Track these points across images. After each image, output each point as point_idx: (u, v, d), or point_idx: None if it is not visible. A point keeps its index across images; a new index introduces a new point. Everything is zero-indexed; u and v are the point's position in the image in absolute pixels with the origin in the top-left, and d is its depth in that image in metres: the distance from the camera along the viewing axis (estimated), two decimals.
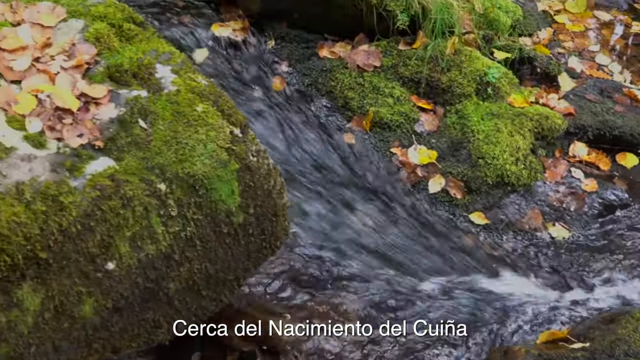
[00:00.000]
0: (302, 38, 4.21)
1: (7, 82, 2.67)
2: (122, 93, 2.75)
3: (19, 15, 2.89)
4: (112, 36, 2.90)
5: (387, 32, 4.07)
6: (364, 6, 3.99)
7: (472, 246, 3.68)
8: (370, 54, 4.04)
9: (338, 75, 4.01)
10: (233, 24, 4.20)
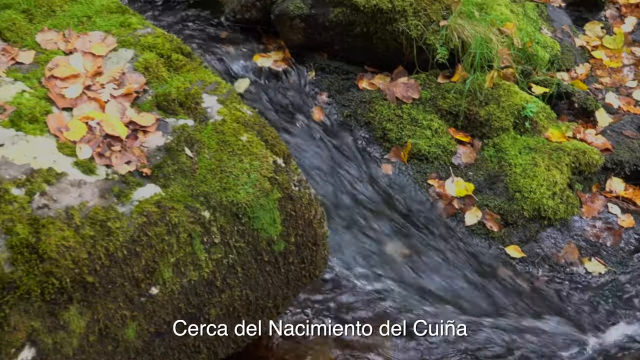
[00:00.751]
0: (342, 69, 4.24)
1: (59, 109, 2.73)
2: (170, 122, 2.80)
3: (72, 44, 2.96)
4: (160, 66, 2.96)
5: (427, 65, 4.09)
6: (404, 39, 4.02)
7: (507, 279, 3.66)
8: (409, 87, 4.06)
9: (377, 106, 4.03)
10: (274, 54, 4.25)
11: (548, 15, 4.88)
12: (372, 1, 3.96)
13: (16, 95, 2.72)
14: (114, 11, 3.19)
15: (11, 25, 3.03)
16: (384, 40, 4.08)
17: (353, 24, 4.05)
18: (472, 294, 3.57)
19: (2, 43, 2.97)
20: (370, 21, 4.02)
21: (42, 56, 2.95)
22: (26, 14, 3.11)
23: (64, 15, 3.14)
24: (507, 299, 3.59)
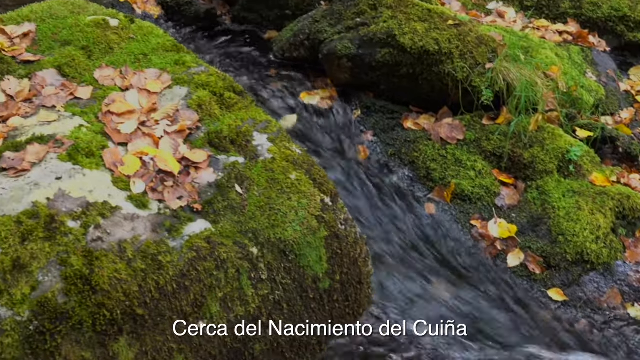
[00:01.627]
0: (387, 109, 4.26)
1: (114, 144, 2.78)
2: (221, 159, 2.83)
3: (128, 81, 3.02)
4: (213, 104, 3.00)
5: (471, 107, 4.09)
6: (450, 81, 4.03)
7: (549, 322, 3.62)
8: (454, 128, 4.07)
9: (421, 146, 4.04)
10: (321, 92, 4.28)
11: (593, 59, 4.86)
12: (419, 43, 3.98)
13: (74, 130, 2.77)
14: (170, 49, 3.25)
15: (71, 62, 3.11)
16: (429, 81, 4.09)
17: (399, 64, 4.07)
18: (513, 335, 3.54)
19: (61, 78, 3.04)
20: (417, 62, 4.04)
21: (99, 92, 3.01)
22: (85, 50, 3.19)
23: (121, 52, 3.21)
24: (548, 341, 3.55)
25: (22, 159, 2.60)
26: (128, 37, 3.29)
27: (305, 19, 4.43)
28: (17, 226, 2.39)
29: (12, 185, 2.51)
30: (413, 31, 4.02)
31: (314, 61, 4.39)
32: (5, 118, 2.83)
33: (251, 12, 4.74)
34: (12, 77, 3.01)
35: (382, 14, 4.14)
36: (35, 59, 3.14)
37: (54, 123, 2.80)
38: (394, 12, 4.11)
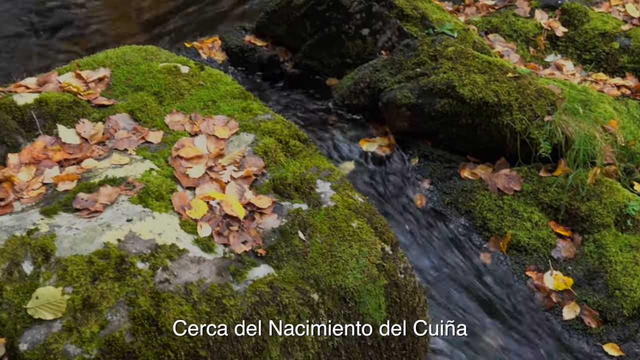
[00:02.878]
0: (444, 158, 4.25)
1: (183, 187, 2.82)
2: (285, 205, 2.85)
3: (197, 127, 3.07)
4: (278, 151, 3.03)
5: (529, 158, 4.06)
6: (508, 132, 4.02)
7: None
8: (511, 178, 4.04)
9: (478, 196, 4.02)
10: (380, 139, 4.29)
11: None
12: (478, 94, 3.99)
13: (145, 173, 2.82)
14: (237, 96, 3.30)
15: (143, 107, 3.18)
16: (488, 132, 4.08)
17: (458, 115, 4.07)
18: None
19: (133, 122, 3.11)
20: (476, 113, 4.04)
21: (169, 137, 3.07)
22: (157, 96, 3.26)
23: (191, 98, 3.27)
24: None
25: (95, 200, 2.66)
26: (198, 83, 3.36)
27: (366, 67, 4.47)
28: (89, 266, 2.43)
29: (85, 226, 2.56)
30: (473, 83, 4.02)
31: (373, 109, 4.41)
32: (80, 160, 2.90)
33: (313, 60, 4.79)
34: (86, 120, 3.08)
35: (442, 65, 4.15)
36: (109, 103, 3.21)
37: (125, 166, 2.86)
38: (454, 64, 4.13)
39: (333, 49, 4.71)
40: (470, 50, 4.24)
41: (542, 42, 5.11)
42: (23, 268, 2.45)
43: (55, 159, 2.88)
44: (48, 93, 3.18)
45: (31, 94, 3.16)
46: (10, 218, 2.62)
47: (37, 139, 2.99)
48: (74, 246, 2.49)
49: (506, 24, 5.16)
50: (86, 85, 3.28)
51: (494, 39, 5.03)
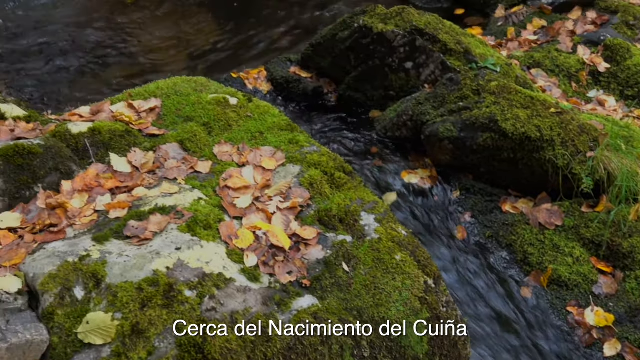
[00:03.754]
0: (486, 191, 4.24)
1: (230, 217, 2.85)
2: (330, 236, 2.87)
3: (245, 157, 3.10)
4: (324, 183, 3.05)
5: (571, 193, 4.03)
6: (550, 167, 3.99)
7: None
8: (553, 213, 4.02)
9: (519, 230, 4.00)
10: (422, 172, 4.30)
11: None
12: (520, 129, 3.98)
13: (193, 203, 2.86)
14: (284, 128, 3.34)
15: (192, 137, 3.22)
16: (529, 166, 4.06)
17: (500, 149, 4.06)
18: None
19: (183, 152, 3.15)
20: (518, 148, 4.03)
21: (217, 167, 3.10)
22: (206, 126, 3.30)
23: (239, 130, 3.31)
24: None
25: (145, 228, 2.70)
26: (246, 115, 3.40)
27: (408, 100, 4.49)
28: (138, 293, 2.46)
29: (135, 253, 2.60)
30: (515, 117, 4.02)
31: (415, 141, 4.42)
32: (131, 188, 2.95)
33: (356, 92, 4.82)
34: (138, 149, 3.14)
35: (485, 99, 4.15)
36: (160, 132, 3.27)
37: (175, 195, 2.90)
38: (496, 98, 4.13)
39: (376, 81, 4.73)
40: (513, 85, 4.24)
41: (585, 78, 5.09)
42: (75, 293, 2.49)
43: (107, 186, 2.93)
44: (101, 122, 3.24)
45: (85, 123, 3.22)
46: (64, 244, 2.66)
47: (90, 166, 3.05)
48: (124, 273, 2.52)
49: (548, 59, 5.14)
50: (138, 114, 3.34)
51: (536, 74, 5.01)
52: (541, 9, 5.66)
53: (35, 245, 2.68)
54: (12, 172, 2.91)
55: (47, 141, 3.05)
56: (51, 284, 2.48)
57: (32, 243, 2.69)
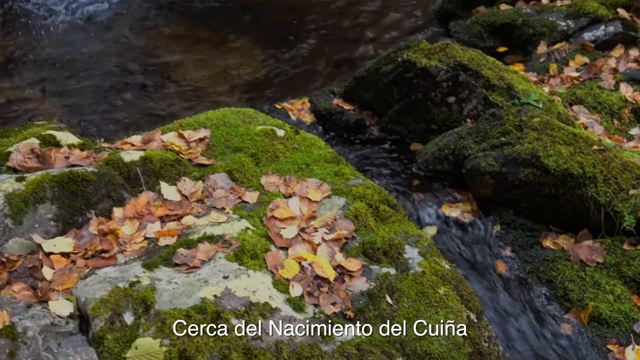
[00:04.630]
0: (526, 226, 4.21)
1: (276, 247, 2.87)
2: (374, 269, 2.88)
3: (291, 189, 3.13)
4: (369, 215, 3.07)
5: (612, 231, 4.00)
6: (592, 204, 3.97)
7: None
8: (594, 250, 3.98)
9: (560, 266, 3.96)
10: (462, 205, 4.29)
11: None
12: (562, 165, 3.96)
13: (241, 232, 2.89)
14: (330, 161, 3.37)
15: (240, 167, 3.26)
16: (571, 202, 4.04)
17: (542, 185, 4.04)
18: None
19: (231, 182, 3.20)
20: (560, 184, 4.00)
21: (264, 197, 3.14)
22: (254, 157, 3.34)
23: (286, 161, 3.35)
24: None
25: (193, 256, 2.73)
26: (292, 147, 3.44)
27: (450, 134, 4.49)
28: (186, 319, 2.49)
29: (183, 281, 2.63)
30: (557, 154, 4.00)
31: (456, 175, 4.41)
32: (180, 216, 2.99)
33: (398, 124, 4.83)
34: (187, 178, 3.18)
35: (527, 135, 4.15)
36: (209, 162, 3.31)
37: (223, 224, 2.93)
38: (539, 134, 4.12)
39: (419, 115, 4.75)
40: (556, 122, 4.23)
41: (627, 115, 5.06)
42: (124, 318, 2.52)
43: (157, 214, 2.98)
44: (152, 151, 3.30)
45: (137, 152, 3.28)
46: (114, 270, 2.71)
47: (141, 194, 3.10)
48: (172, 300, 2.55)
49: (591, 96, 5.12)
50: (188, 144, 3.40)
51: (578, 111, 5.00)
52: (583, 46, 5.65)
53: (87, 270, 2.73)
54: (66, 199, 2.97)
55: (100, 169, 3.11)
56: (102, 308, 2.52)
57: (84, 268, 2.73)
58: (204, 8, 6.57)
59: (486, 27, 6.16)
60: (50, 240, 2.85)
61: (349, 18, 6.49)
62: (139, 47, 5.87)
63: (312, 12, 6.63)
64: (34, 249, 2.85)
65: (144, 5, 6.62)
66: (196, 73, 5.53)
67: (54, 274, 2.71)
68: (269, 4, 6.76)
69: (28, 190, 2.92)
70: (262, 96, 5.37)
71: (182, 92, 5.30)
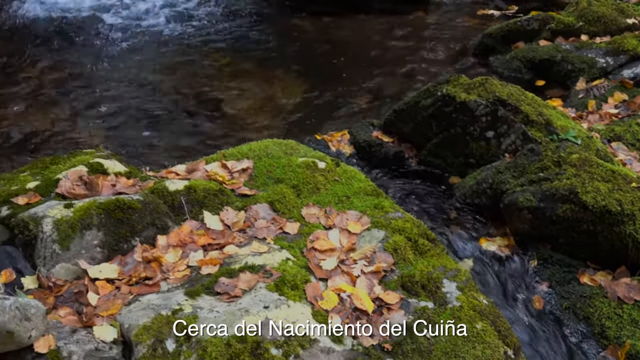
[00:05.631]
0: (564, 262, 4.17)
1: (316, 278, 2.88)
2: (412, 302, 2.87)
3: (331, 220, 3.15)
4: (408, 249, 3.07)
5: None
6: (630, 241, 3.92)
7: None
8: (632, 288, 3.92)
9: (597, 302, 3.91)
10: (499, 239, 4.26)
11: None
12: (601, 202, 3.92)
13: (281, 262, 2.91)
14: (370, 193, 3.38)
15: (282, 198, 3.29)
16: (609, 239, 3.99)
17: (580, 221, 4.00)
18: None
19: (272, 213, 3.22)
20: (598, 220, 3.96)
21: (305, 228, 3.15)
22: (295, 189, 3.36)
23: (326, 193, 3.36)
24: None
25: (235, 285, 2.75)
26: (333, 179, 3.46)
27: (488, 168, 4.48)
28: (227, 348, 2.50)
29: (225, 310, 2.65)
30: (596, 190, 3.97)
31: (494, 209, 4.39)
32: (222, 245, 3.01)
33: (437, 158, 4.83)
34: (230, 208, 3.21)
35: (566, 171, 4.12)
36: (251, 193, 3.34)
37: (264, 254, 2.95)
38: (577, 171, 4.09)
39: (457, 148, 4.74)
40: (594, 158, 4.20)
41: None
42: (166, 345, 2.54)
43: (200, 243, 3.01)
44: (196, 181, 3.34)
45: (181, 181, 3.32)
46: (158, 297, 2.73)
47: (185, 223, 3.13)
48: (214, 328, 2.57)
49: (629, 132, 5.08)
50: (231, 174, 3.43)
51: (617, 147, 4.95)
52: (622, 83, 5.61)
53: (130, 297, 2.76)
54: (112, 225, 3.01)
55: (145, 197, 3.15)
56: (145, 335, 2.54)
57: (128, 294, 2.76)
58: (249, 42, 6.67)
59: (525, 63, 6.15)
60: (96, 266, 2.90)
61: (389, 52, 6.54)
62: (184, 77, 5.97)
63: (352, 46, 6.69)
64: (80, 275, 2.89)
65: (191, 37, 6.73)
66: (239, 103, 5.59)
67: (99, 300, 2.74)
68: (311, 38, 6.84)
69: (76, 217, 2.97)
70: (303, 126, 5.41)
71: (225, 122, 5.36)
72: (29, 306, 2.44)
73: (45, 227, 2.94)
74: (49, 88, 5.76)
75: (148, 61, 6.29)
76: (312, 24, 7.10)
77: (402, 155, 4.99)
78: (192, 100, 5.58)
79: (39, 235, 2.93)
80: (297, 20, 7.14)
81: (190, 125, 5.29)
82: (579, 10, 6.29)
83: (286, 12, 7.32)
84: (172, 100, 5.62)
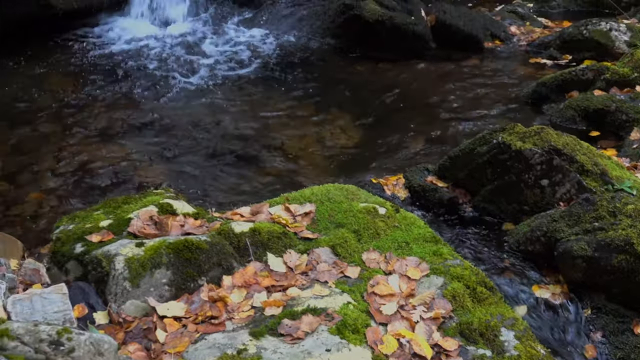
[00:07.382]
0: (618, 312, 4.10)
1: (376, 323, 2.89)
2: (470, 350, 2.86)
3: (391, 266, 3.16)
4: (466, 296, 3.06)
5: None
6: None
7: None
8: None
9: None
10: (552, 287, 4.21)
11: None
12: None
13: (343, 306, 2.93)
14: (429, 240, 3.39)
15: (343, 242, 3.31)
16: None
17: (635, 272, 3.95)
18: None
19: (334, 257, 3.25)
20: None
21: (365, 273, 3.17)
22: (356, 233, 3.39)
23: (386, 238, 3.38)
24: None
25: (297, 327, 2.77)
26: (393, 225, 3.48)
27: (543, 216, 4.45)
28: None
29: (288, 351, 2.67)
30: None
31: (547, 257, 4.35)
32: (285, 287, 3.05)
33: (491, 204, 4.82)
34: (293, 251, 3.25)
35: (621, 221, 4.08)
36: (313, 236, 3.38)
37: (325, 297, 2.98)
38: (633, 222, 4.04)
39: (511, 195, 4.73)
40: None
41: None
42: None
43: (264, 284, 3.04)
44: (261, 223, 3.39)
45: (246, 223, 3.37)
46: (223, 336, 2.77)
47: (249, 264, 3.18)
48: None
49: None
50: (294, 218, 3.47)
51: None
52: None
53: (197, 335, 2.80)
54: (180, 265, 3.07)
55: (212, 238, 3.21)
56: None
57: (195, 333, 2.81)
58: (308, 87, 6.76)
59: (579, 112, 6.12)
60: (164, 304, 2.95)
61: (444, 98, 6.56)
62: (246, 120, 6.06)
63: (408, 91, 6.73)
64: (149, 312, 2.95)
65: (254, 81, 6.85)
66: (298, 145, 5.66)
67: (167, 337, 2.79)
68: (366, 82, 6.90)
69: (146, 256, 3.04)
70: (360, 169, 5.45)
71: (285, 163, 5.42)
72: (102, 341, 2.50)
73: (117, 265, 3.01)
74: (117, 126, 5.89)
75: (210, 103, 6.41)
76: (368, 70, 7.17)
77: (456, 201, 4.98)
78: (254, 143, 5.67)
79: (111, 273, 3.00)
80: (354, 65, 7.22)
81: (253, 167, 5.37)
82: (634, 61, 6.25)
83: (343, 58, 7.41)
84: (233, 141, 5.71)
